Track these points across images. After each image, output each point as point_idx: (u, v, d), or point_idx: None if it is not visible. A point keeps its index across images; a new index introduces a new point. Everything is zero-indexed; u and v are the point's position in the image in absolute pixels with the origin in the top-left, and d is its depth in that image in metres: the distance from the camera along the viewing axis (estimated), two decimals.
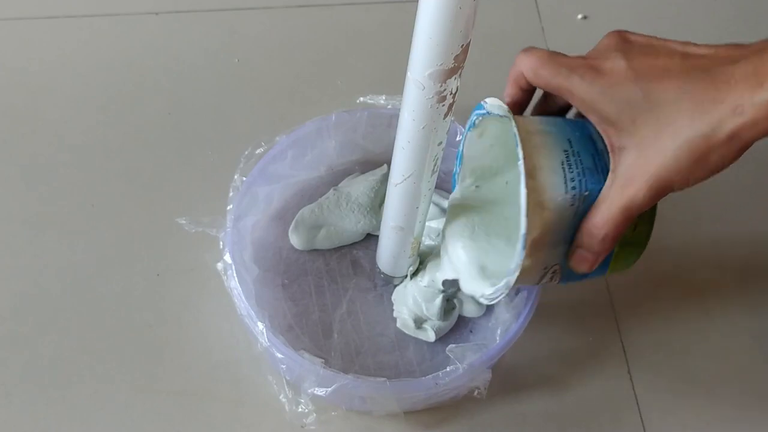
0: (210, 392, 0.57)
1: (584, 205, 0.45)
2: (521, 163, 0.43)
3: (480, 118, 0.50)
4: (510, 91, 0.49)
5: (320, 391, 0.52)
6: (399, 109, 0.46)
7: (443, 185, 0.64)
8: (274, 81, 0.71)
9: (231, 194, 0.57)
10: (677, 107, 0.41)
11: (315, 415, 0.53)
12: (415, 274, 0.59)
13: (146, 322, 0.59)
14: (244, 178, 0.58)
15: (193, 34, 0.74)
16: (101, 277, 0.61)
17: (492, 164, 0.53)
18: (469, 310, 0.59)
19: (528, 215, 0.43)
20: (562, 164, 0.45)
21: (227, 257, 0.55)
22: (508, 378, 0.58)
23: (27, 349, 0.58)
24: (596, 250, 0.45)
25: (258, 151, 0.59)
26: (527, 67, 0.47)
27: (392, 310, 0.60)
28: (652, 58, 0.43)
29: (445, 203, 0.62)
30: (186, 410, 0.56)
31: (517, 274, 0.45)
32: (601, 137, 0.46)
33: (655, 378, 0.60)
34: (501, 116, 0.48)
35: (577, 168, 0.45)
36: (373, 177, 0.63)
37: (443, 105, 0.44)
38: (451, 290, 0.58)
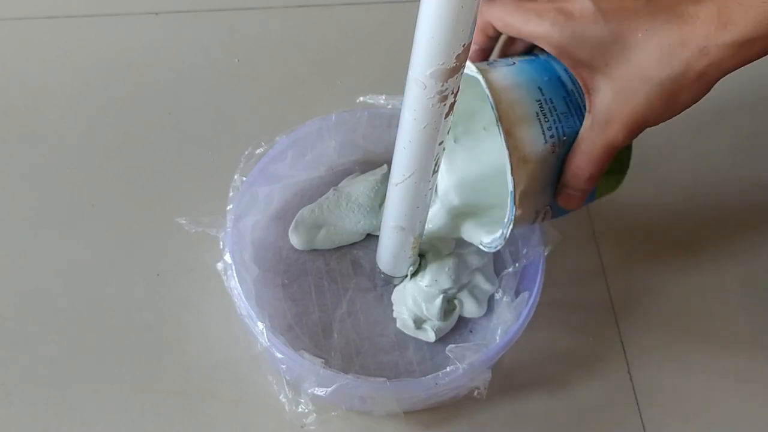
0: (210, 392, 0.57)
1: (564, 148, 0.47)
2: (498, 124, 0.44)
3: None
4: (477, 38, 0.49)
5: (320, 391, 0.52)
6: (399, 109, 0.46)
7: None
8: (274, 81, 0.71)
9: (231, 194, 0.57)
10: (646, 50, 0.43)
11: (315, 415, 0.53)
12: (415, 274, 0.59)
13: (146, 322, 0.59)
14: (244, 178, 0.58)
15: (193, 34, 0.73)
16: (101, 277, 0.61)
17: (466, 106, 0.53)
18: (470, 311, 0.59)
19: (513, 172, 0.45)
20: (537, 115, 0.46)
21: (227, 257, 0.55)
22: (508, 378, 0.58)
23: (27, 349, 0.58)
24: (583, 188, 0.47)
25: (258, 151, 0.59)
26: (495, 17, 0.47)
27: (392, 310, 0.60)
28: (618, 0, 0.44)
29: None
30: (186, 410, 0.56)
31: (510, 227, 0.48)
32: (570, 78, 0.47)
33: (655, 378, 0.60)
34: (470, 76, 0.48)
35: (552, 115, 0.46)
36: (373, 177, 0.63)
37: (444, 104, 0.44)
38: (452, 291, 0.58)
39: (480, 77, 0.46)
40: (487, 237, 0.52)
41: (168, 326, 0.59)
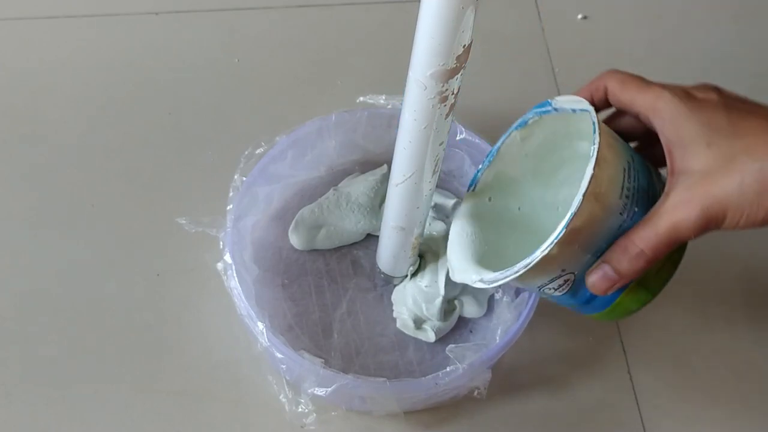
0: (210, 392, 0.57)
1: (627, 223, 0.44)
2: (595, 147, 0.42)
3: (537, 117, 0.49)
4: (581, 96, 0.48)
5: (320, 391, 0.52)
6: (399, 109, 0.46)
7: (444, 185, 0.64)
8: (274, 81, 0.71)
9: (231, 194, 0.57)
10: (756, 138, 0.41)
11: (315, 415, 0.53)
12: (415, 274, 0.59)
13: (146, 322, 0.59)
14: (244, 178, 0.58)
15: (193, 34, 0.73)
16: (101, 277, 0.61)
17: (517, 176, 0.52)
18: (470, 311, 0.59)
19: (583, 198, 0.42)
20: (624, 171, 0.44)
21: (227, 257, 0.55)
22: (508, 378, 0.58)
23: (27, 349, 0.58)
24: (624, 268, 0.43)
25: (258, 151, 0.59)
26: (614, 79, 0.46)
27: (392, 310, 0.60)
28: (743, 102, 0.44)
29: (446, 201, 0.62)
30: (186, 410, 0.56)
31: (544, 254, 0.43)
32: (656, 170, 0.45)
33: (655, 378, 0.60)
34: (580, 110, 0.46)
35: (635, 181, 0.44)
36: (373, 177, 0.63)
37: (445, 105, 0.44)
38: (452, 293, 0.58)
39: (590, 108, 0.45)
40: (489, 274, 0.47)
41: (168, 326, 0.59)
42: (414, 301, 0.58)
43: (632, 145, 0.49)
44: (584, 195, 0.42)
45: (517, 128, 0.50)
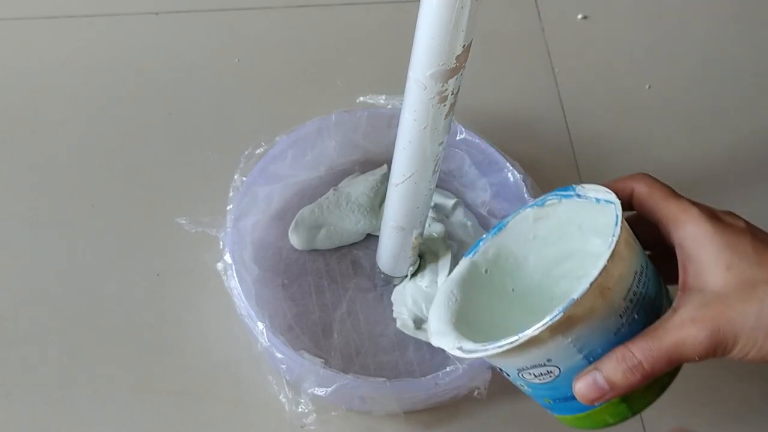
0: (210, 392, 0.57)
1: (624, 328, 0.41)
2: (614, 239, 0.40)
3: (557, 200, 0.46)
4: None
5: (320, 391, 0.52)
6: (399, 109, 0.46)
7: (444, 185, 0.64)
8: (274, 81, 0.71)
9: (231, 194, 0.57)
10: None
11: (315, 415, 0.53)
12: (414, 274, 0.59)
13: (146, 322, 0.59)
14: (244, 178, 0.58)
15: (193, 34, 0.74)
16: (101, 277, 0.61)
17: (518, 255, 0.49)
18: None
19: (590, 286, 0.39)
20: (636, 273, 0.41)
21: (227, 257, 0.55)
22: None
23: (27, 349, 0.58)
24: (617, 379, 0.40)
25: (258, 151, 0.59)
26: (643, 183, 0.44)
27: (392, 310, 0.60)
28: None
29: (446, 201, 0.62)
30: (186, 410, 0.56)
31: (534, 334, 0.39)
32: (665, 285, 0.44)
33: None
34: (605, 201, 0.43)
35: (643, 287, 0.41)
36: (373, 177, 0.63)
37: (444, 105, 0.44)
38: None
39: (616, 201, 0.42)
40: (470, 344, 0.43)
41: (168, 326, 0.59)
42: (414, 301, 0.58)
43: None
44: (591, 284, 0.39)
45: (533, 206, 0.48)
